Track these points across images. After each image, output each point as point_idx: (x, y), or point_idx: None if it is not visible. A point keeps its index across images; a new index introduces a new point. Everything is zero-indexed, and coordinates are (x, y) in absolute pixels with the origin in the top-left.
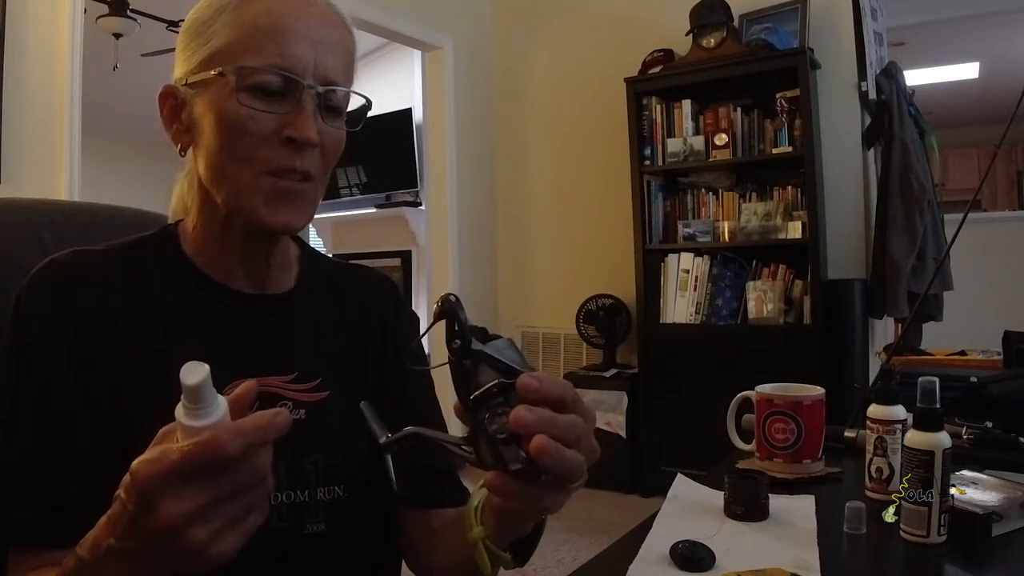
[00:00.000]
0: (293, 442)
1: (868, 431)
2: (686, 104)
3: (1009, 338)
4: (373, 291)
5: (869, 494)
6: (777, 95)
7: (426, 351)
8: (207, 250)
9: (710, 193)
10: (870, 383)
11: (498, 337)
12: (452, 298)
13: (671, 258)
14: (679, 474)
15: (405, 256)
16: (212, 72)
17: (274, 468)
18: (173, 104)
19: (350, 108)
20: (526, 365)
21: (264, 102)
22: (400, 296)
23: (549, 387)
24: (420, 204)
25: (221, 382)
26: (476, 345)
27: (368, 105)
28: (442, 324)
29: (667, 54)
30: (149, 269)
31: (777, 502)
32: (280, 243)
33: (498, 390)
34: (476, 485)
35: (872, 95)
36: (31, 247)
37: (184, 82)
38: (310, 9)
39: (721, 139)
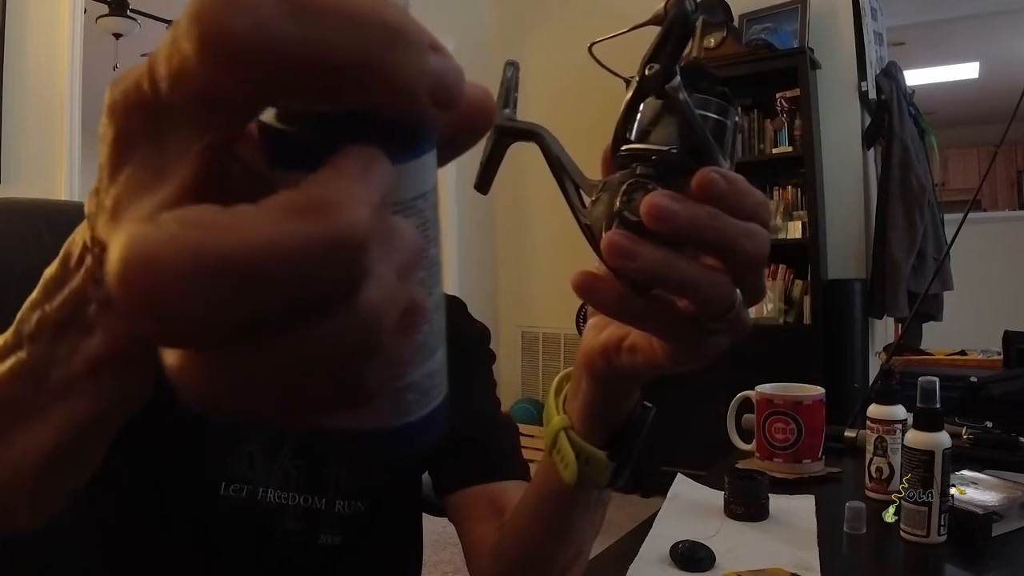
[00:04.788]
0: (317, 446)
1: (868, 431)
2: None
3: (1009, 338)
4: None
5: (869, 494)
6: (777, 95)
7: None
8: None
9: None
10: (870, 383)
11: (722, 92)
12: (690, 2)
13: None
14: (679, 474)
15: None
16: None
17: (296, 468)
18: None
19: None
20: (724, 153)
21: None
22: (467, 311)
23: (736, 195)
24: None
25: None
26: (677, 84)
27: None
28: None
29: None
30: None
31: (777, 502)
32: None
33: (658, 162)
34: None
35: (872, 95)
36: (31, 247)
37: None
38: None
39: None
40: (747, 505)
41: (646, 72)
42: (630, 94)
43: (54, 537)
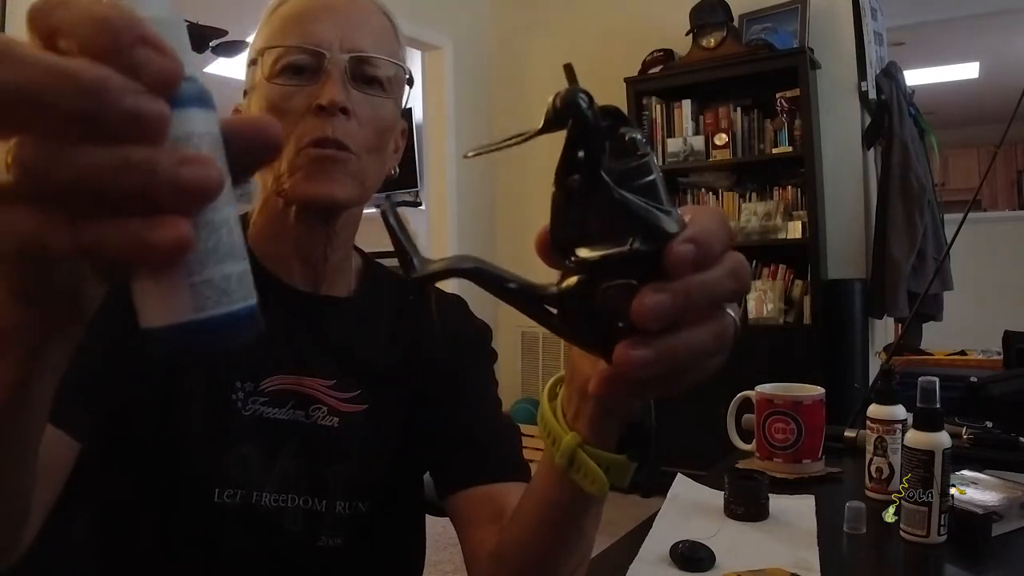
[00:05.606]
0: (319, 447)
1: (868, 431)
2: (686, 104)
3: (1009, 338)
4: (441, 312)
5: (869, 494)
6: (777, 95)
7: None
8: (266, 243)
9: (710, 193)
10: (870, 383)
11: (637, 153)
12: (583, 99)
13: None
14: (679, 474)
15: None
16: (249, 65)
17: (295, 470)
18: None
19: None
20: (669, 213)
21: (295, 80)
22: (468, 310)
23: (707, 246)
24: (420, 204)
25: (263, 375)
26: (606, 184)
27: (407, 77)
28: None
29: (667, 54)
30: None
31: (777, 502)
32: (339, 240)
33: (619, 263)
34: (550, 380)
35: (872, 95)
36: None
37: (244, 94)
38: None
39: (721, 139)
40: (747, 505)
41: (570, 184)
42: (557, 200)
43: (54, 544)
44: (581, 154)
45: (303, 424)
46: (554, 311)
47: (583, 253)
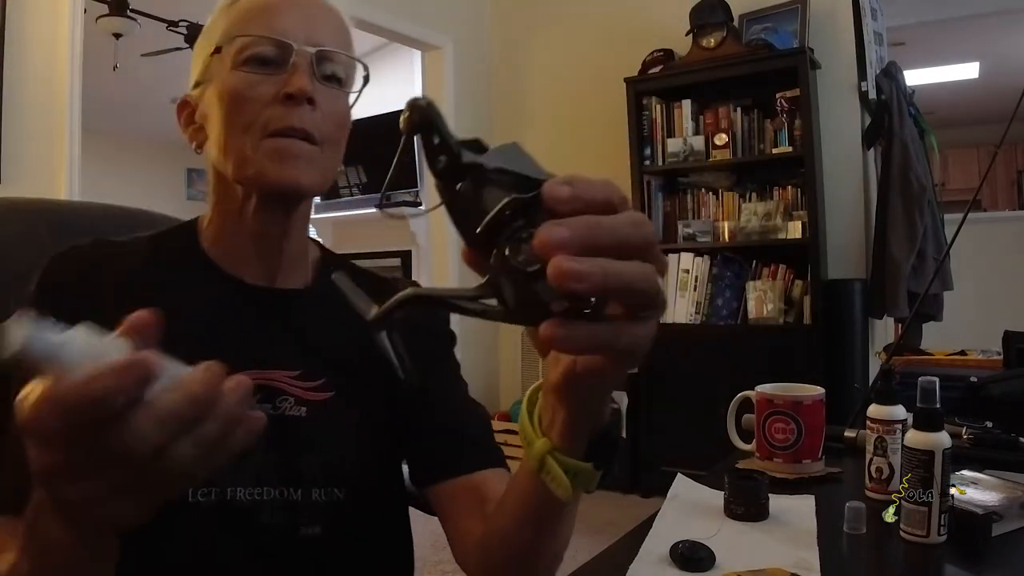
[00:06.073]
0: (289, 438)
1: (868, 431)
2: (686, 104)
3: (1009, 338)
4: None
5: (869, 494)
6: (777, 95)
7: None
8: (222, 242)
9: (710, 193)
10: (870, 383)
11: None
12: (423, 102)
13: (671, 258)
14: (679, 474)
15: (405, 256)
16: (211, 55)
17: (268, 463)
18: (189, 111)
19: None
20: (544, 172)
21: (261, 70)
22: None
23: (586, 190)
24: (420, 204)
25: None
26: (468, 157)
27: (366, 74)
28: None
29: (667, 54)
30: (166, 261)
31: (777, 502)
32: (296, 230)
33: (514, 210)
34: (527, 390)
35: (872, 95)
36: (31, 247)
37: (194, 85)
38: None
39: (721, 139)
40: (747, 505)
41: (438, 169)
42: (443, 194)
43: None
44: (437, 140)
45: (271, 416)
46: (490, 303)
47: (481, 224)
